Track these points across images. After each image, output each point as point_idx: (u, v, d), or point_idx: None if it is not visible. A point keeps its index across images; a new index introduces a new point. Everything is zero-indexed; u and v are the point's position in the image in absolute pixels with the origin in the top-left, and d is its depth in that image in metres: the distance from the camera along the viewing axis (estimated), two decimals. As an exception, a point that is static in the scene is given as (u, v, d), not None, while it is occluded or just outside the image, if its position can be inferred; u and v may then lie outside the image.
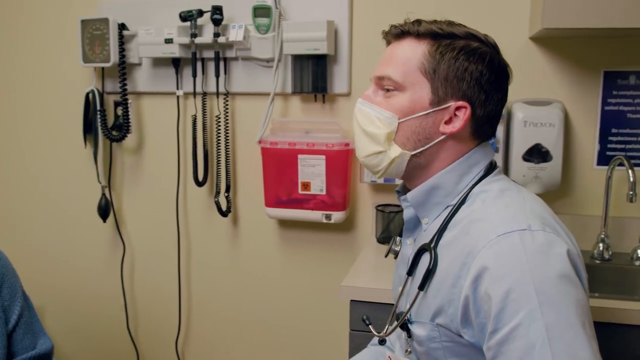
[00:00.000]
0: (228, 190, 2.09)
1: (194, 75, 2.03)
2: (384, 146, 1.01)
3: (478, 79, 0.98)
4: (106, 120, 2.14)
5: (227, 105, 2.03)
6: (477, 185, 1.00)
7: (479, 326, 0.89)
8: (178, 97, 2.10)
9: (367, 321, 1.17)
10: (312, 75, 1.92)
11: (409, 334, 1.03)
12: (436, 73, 0.98)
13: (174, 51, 1.99)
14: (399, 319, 1.05)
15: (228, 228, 2.18)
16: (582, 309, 0.85)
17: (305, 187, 1.94)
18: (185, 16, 1.94)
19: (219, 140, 2.06)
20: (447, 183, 1.02)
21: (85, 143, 2.21)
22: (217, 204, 2.08)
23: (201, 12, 1.95)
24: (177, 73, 2.07)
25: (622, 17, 1.42)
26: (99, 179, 2.21)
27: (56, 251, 2.41)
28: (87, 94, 2.15)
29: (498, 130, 1.36)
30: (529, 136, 1.70)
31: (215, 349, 2.29)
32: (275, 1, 1.88)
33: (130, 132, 2.14)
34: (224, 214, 2.09)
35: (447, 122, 0.99)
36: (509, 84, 1.05)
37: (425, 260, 1.00)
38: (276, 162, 1.96)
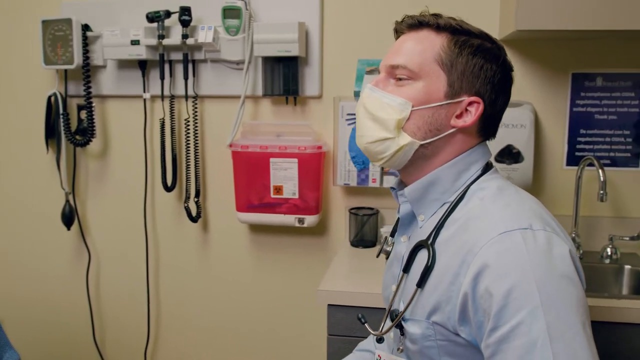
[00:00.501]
0: (198, 195, 2.05)
1: (162, 77, 1.99)
2: (392, 133, 1.00)
3: (491, 77, 1.00)
4: (69, 124, 2.08)
5: (196, 108, 1.99)
6: (475, 183, 1.01)
7: (477, 324, 0.89)
8: (145, 100, 2.05)
9: (363, 319, 1.16)
10: (283, 78, 1.90)
11: (402, 332, 1.03)
12: (453, 66, 0.99)
13: (140, 53, 1.94)
14: (393, 317, 1.04)
15: (198, 234, 2.13)
16: (582, 309, 0.85)
17: (277, 191, 1.92)
18: (153, 17, 1.89)
19: (188, 144, 2.02)
20: (446, 179, 1.02)
21: (48, 148, 2.15)
22: (187, 209, 2.04)
23: (169, 13, 1.91)
24: (143, 76, 2.03)
25: (592, 19, 1.45)
26: (63, 185, 2.14)
27: (18, 261, 2.32)
28: (49, 97, 2.09)
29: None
30: (500, 137, 1.69)
31: (186, 358, 2.24)
32: (246, 2, 1.85)
33: (94, 137, 2.08)
34: (194, 220, 2.05)
35: (458, 117, 1.00)
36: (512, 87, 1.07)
37: (421, 258, 1.00)
38: (247, 166, 1.93)
